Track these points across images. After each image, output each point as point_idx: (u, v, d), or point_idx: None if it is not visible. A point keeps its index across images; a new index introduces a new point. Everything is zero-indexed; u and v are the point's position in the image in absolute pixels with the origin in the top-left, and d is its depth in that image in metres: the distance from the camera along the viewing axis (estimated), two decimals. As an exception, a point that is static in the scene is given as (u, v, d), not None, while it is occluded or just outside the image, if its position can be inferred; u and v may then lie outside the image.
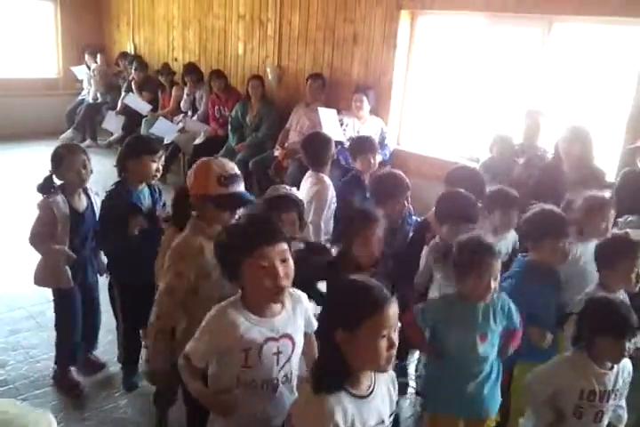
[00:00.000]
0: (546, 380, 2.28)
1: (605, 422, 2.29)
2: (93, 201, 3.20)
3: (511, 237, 3.21)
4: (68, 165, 3.04)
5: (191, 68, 7.37)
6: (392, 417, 1.73)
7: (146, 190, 3.16)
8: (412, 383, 3.48)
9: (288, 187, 3.14)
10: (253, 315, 1.85)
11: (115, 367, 3.45)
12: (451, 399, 2.43)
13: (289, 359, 1.90)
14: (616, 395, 2.26)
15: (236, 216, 2.32)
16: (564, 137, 3.84)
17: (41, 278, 3.18)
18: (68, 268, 3.10)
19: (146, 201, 3.14)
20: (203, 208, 2.26)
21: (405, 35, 5.54)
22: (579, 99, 4.70)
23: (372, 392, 1.64)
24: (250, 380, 1.86)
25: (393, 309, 1.56)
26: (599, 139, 3.93)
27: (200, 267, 2.19)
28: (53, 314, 3.31)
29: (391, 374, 1.71)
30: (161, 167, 3.14)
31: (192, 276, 2.19)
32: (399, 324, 1.61)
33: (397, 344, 1.58)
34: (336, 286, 1.71)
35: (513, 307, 2.44)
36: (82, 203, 3.15)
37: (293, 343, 1.90)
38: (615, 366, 2.25)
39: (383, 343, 1.55)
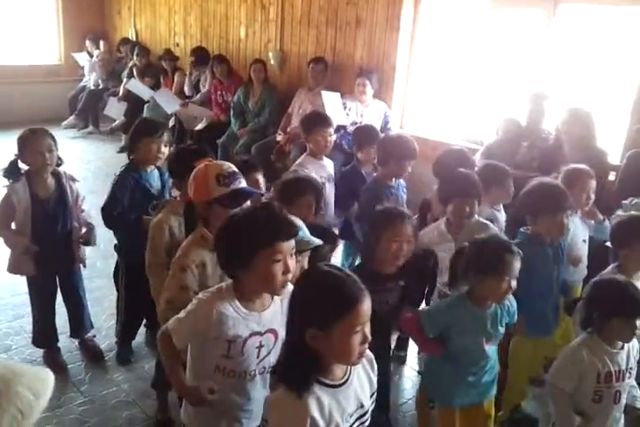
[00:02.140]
0: (568, 373, 2.25)
1: (624, 401, 2.29)
2: (65, 187, 3.13)
3: (501, 217, 3.20)
4: (31, 148, 2.97)
5: (198, 51, 7.28)
6: (373, 398, 1.70)
7: (155, 173, 3.17)
8: (415, 365, 3.49)
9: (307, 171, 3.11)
10: (243, 308, 1.85)
11: (115, 352, 3.46)
12: (453, 392, 2.42)
13: (269, 353, 1.90)
14: (630, 373, 2.26)
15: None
16: (564, 119, 3.81)
17: (7, 265, 3.16)
18: (27, 256, 3.07)
19: (155, 183, 3.16)
20: (210, 214, 2.21)
21: (409, 18, 5.47)
22: (584, 81, 4.64)
23: (347, 380, 1.59)
24: (228, 369, 1.87)
25: (367, 304, 1.51)
26: (604, 121, 3.89)
27: (202, 281, 2.18)
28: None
29: (367, 353, 1.63)
30: (165, 150, 3.12)
31: (196, 288, 2.15)
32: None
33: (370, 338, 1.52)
34: (305, 282, 1.60)
35: (514, 303, 2.41)
36: (47, 189, 3.08)
37: (276, 337, 1.90)
38: (625, 345, 2.25)
39: (357, 339, 1.50)
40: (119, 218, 3.06)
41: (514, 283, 2.23)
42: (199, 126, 6.97)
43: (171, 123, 6.93)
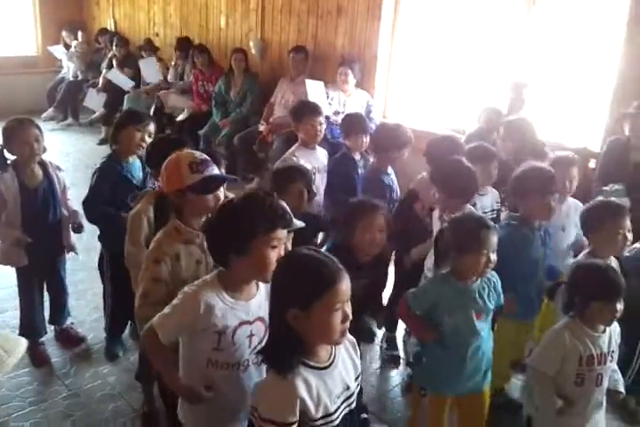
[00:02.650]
0: (550, 356, 2.28)
1: (605, 384, 2.32)
2: (52, 176, 3.14)
3: (491, 194, 3.23)
4: (18, 138, 2.97)
5: (183, 42, 7.19)
6: (359, 381, 1.73)
7: (137, 164, 3.17)
8: (402, 354, 3.51)
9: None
10: (230, 297, 1.84)
11: (101, 345, 3.44)
12: (451, 380, 2.42)
13: (261, 341, 1.89)
14: (612, 357, 2.30)
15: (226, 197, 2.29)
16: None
17: None
18: (17, 247, 3.06)
19: (136, 174, 3.15)
20: (184, 202, 2.18)
21: (390, 6, 5.45)
22: (564, 69, 4.66)
23: (332, 362, 1.63)
24: (221, 362, 1.86)
25: (345, 282, 1.54)
26: (584, 109, 3.87)
27: (175, 273, 2.13)
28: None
29: (349, 338, 1.69)
30: (148, 138, 3.11)
31: (169, 280, 2.12)
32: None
33: (351, 316, 1.56)
34: (285, 264, 1.65)
35: (499, 283, 2.44)
36: (36, 178, 3.09)
37: (266, 326, 1.88)
38: (607, 328, 2.29)
39: (337, 317, 1.53)
40: (101, 211, 3.04)
41: (493, 256, 2.28)
42: (180, 117, 6.91)
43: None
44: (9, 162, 3.01)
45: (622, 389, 2.39)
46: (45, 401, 2.96)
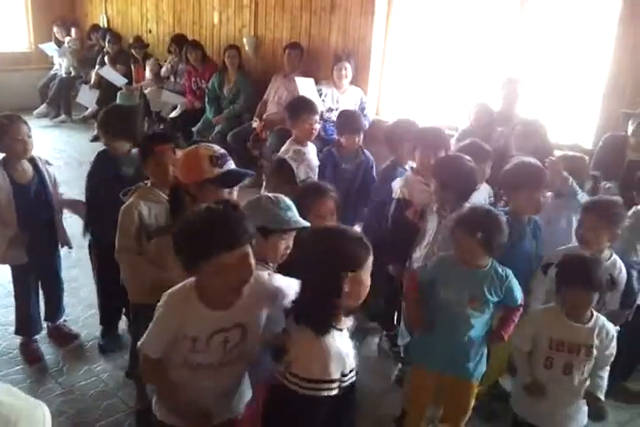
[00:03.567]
0: (525, 332, 2.43)
1: (576, 378, 2.33)
2: (43, 171, 3.13)
3: (484, 189, 3.22)
4: (8, 135, 2.95)
5: (178, 39, 7.16)
6: (355, 365, 1.80)
7: (130, 158, 3.14)
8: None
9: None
10: (206, 307, 1.81)
11: (94, 342, 3.44)
12: (435, 355, 2.51)
13: (236, 345, 1.88)
14: (589, 352, 2.31)
15: (234, 196, 2.35)
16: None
17: None
18: (10, 245, 3.05)
19: (129, 169, 3.13)
20: (202, 194, 2.26)
21: (383, 2, 5.44)
22: (557, 66, 4.67)
23: (345, 329, 1.78)
24: (196, 362, 1.87)
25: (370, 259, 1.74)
26: (576, 105, 3.87)
27: None
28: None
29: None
30: None
31: None
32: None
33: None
34: (330, 234, 1.77)
35: (515, 283, 2.45)
36: (26, 175, 3.08)
37: (244, 332, 1.88)
38: (592, 322, 2.32)
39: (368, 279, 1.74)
40: (102, 211, 3.02)
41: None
42: (173, 114, 6.89)
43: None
44: None
45: (601, 396, 2.37)
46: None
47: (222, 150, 2.33)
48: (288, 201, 2.18)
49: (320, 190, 2.63)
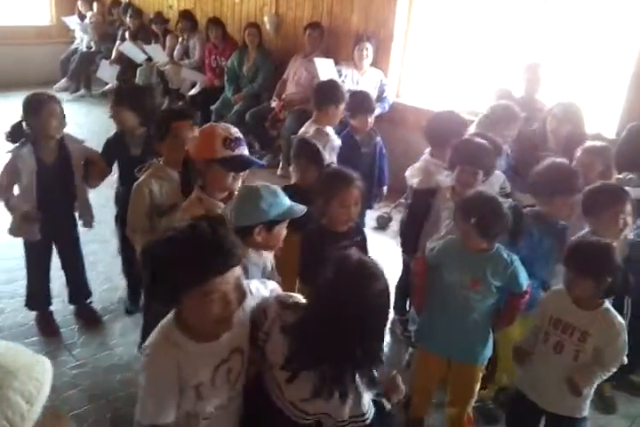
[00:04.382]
0: (540, 310, 2.46)
1: (566, 360, 2.31)
2: (69, 151, 3.10)
3: (495, 178, 3.15)
4: (40, 114, 2.91)
5: (186, 16, 7.18)
6: None
7: (138, 138, 3.18)
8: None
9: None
10: (195, 342, 1.58)
11: (110, 315, 3.50)
12: (439, 339, 2.55)
13: (239, 373, 1.72)
14: (584, 338, 2.27)
15: (239, 183, 2.33)
16: (555, 115, 3.65)
17: (9, 228, 3.13)
18: (26, 221, 3.05)
19: (138, 149, 3.18)
20: (208, 172, 2.27)
21: (407, -17, 5.37)
22: (582, 53, 4.58)
23: None
24: (206, 411, 1.66)
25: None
26: (598, 94, 3.79)
27: None
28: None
29: None
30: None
31: None
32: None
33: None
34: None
35: (520, 270, 2.44)
36: (52, 154, 3.05)
37: (243, 355, 1.71)
38: (596, 311, 2.28)
39: None
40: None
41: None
42: (193, 91, 6.88)
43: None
44: (26, 135, 2.97)
45: (583, 389, 2.28)
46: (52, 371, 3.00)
47: (239, 134, 2.31)
48: (275, 187, 2.10)
49: (347, 179, 2.56)
